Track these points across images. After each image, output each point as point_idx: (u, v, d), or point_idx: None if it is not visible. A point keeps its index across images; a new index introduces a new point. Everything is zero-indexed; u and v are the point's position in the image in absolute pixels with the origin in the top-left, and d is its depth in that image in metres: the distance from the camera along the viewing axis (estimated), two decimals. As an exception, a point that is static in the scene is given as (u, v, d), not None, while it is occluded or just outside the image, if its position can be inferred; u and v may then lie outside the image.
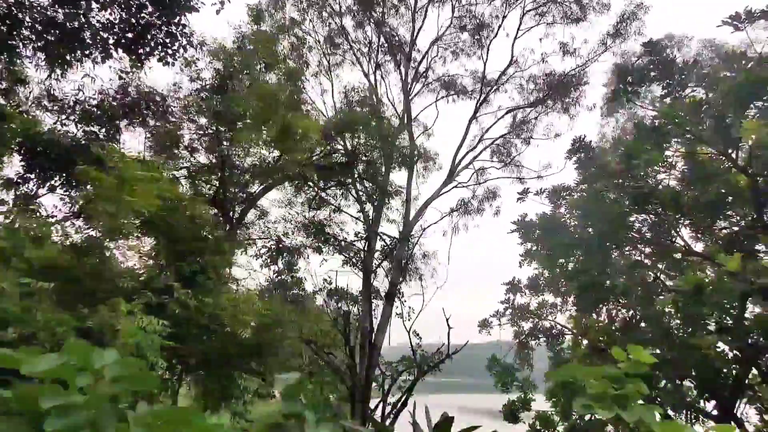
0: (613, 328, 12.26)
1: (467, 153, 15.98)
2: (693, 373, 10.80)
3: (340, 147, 11.88)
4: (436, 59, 17.65)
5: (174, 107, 8.62)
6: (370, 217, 13.84)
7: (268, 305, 7.26)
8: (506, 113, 16.17)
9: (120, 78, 9.85)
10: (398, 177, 17.91)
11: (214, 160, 8.76)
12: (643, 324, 12.17)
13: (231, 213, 9.01)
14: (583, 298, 12.20)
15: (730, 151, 9.52)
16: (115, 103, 8.25)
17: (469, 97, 15.84)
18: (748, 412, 14.34)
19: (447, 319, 13.92)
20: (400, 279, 13.87)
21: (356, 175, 10.97)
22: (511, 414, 16.13)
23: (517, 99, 17.38)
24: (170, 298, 4.68)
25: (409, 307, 13.96)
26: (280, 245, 12.23)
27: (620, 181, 12.21)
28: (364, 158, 10.78)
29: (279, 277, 15.41)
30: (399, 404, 12.63)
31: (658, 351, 11.62)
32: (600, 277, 11.51)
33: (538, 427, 15.78)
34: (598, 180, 12.69)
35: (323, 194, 12.22)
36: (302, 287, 15.00)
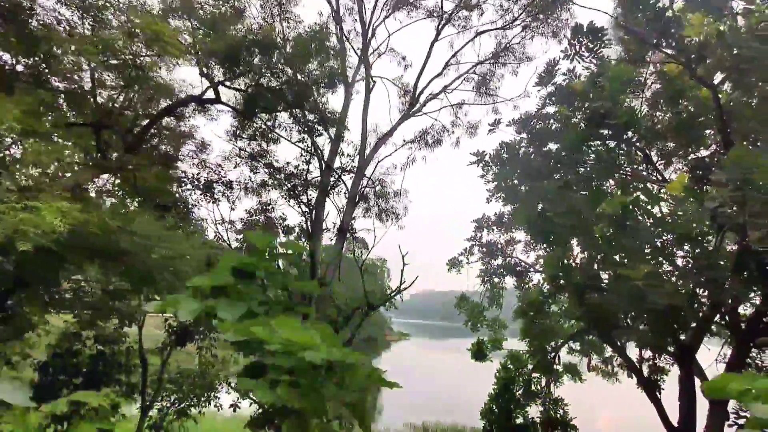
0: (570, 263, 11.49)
1: (432, 80, 14.88)
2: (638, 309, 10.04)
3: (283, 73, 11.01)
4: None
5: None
6: (321, 150, 13.23)
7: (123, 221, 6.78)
8: (476, 36, 14.76)
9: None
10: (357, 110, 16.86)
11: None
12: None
13: (118, 138, 8.46)
14: (533, 232, 11.43)
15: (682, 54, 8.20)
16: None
17: (436, 19, 14.47)
18: (726, 352, 13.60)
19: (403, 257, 13.42)
20: (353, 214, 13.37)
21: (289, 101, 10.19)
22: (478, 353, 15.91)
23: (499, 24, 15.84)
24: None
25: (362, 244, 13.55)
26: (217, 178, 11.78)
27: (586, 103, 11.02)
28: (293, 81, 9.96)
29: (251, 217, 15.18)
30: (347, 340, 12.48)
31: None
32: (549, 209, 10.63)
33: (509, 365, 15.61)
34: (561, 103, 11.52)
35: (260, 123, 11.52)
36: (276, 227, 14.74)
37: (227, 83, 9.59)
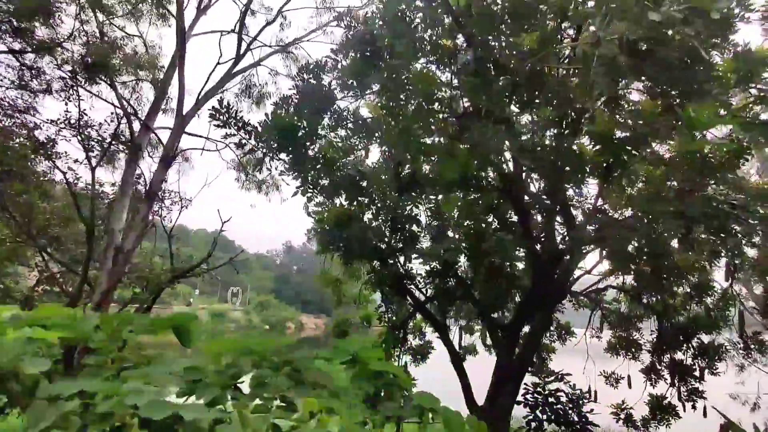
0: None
1: (266, 26, 13.51)
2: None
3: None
4: None
5: None
6: (131, 105, 12.11)
7: None
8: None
9: None
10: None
11: None
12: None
13: None
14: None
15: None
16: None
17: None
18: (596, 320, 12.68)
19: (223, 223, 12.23)
20: (165, 176, 12.18)
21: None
22: (339, 331, 14.70)
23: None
24: None
25: (169, 209, 12.42)
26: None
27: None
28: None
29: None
30: (143, 308, 11.41)
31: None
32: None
33: (383, 345, 14.46)
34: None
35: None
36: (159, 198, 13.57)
37: None
